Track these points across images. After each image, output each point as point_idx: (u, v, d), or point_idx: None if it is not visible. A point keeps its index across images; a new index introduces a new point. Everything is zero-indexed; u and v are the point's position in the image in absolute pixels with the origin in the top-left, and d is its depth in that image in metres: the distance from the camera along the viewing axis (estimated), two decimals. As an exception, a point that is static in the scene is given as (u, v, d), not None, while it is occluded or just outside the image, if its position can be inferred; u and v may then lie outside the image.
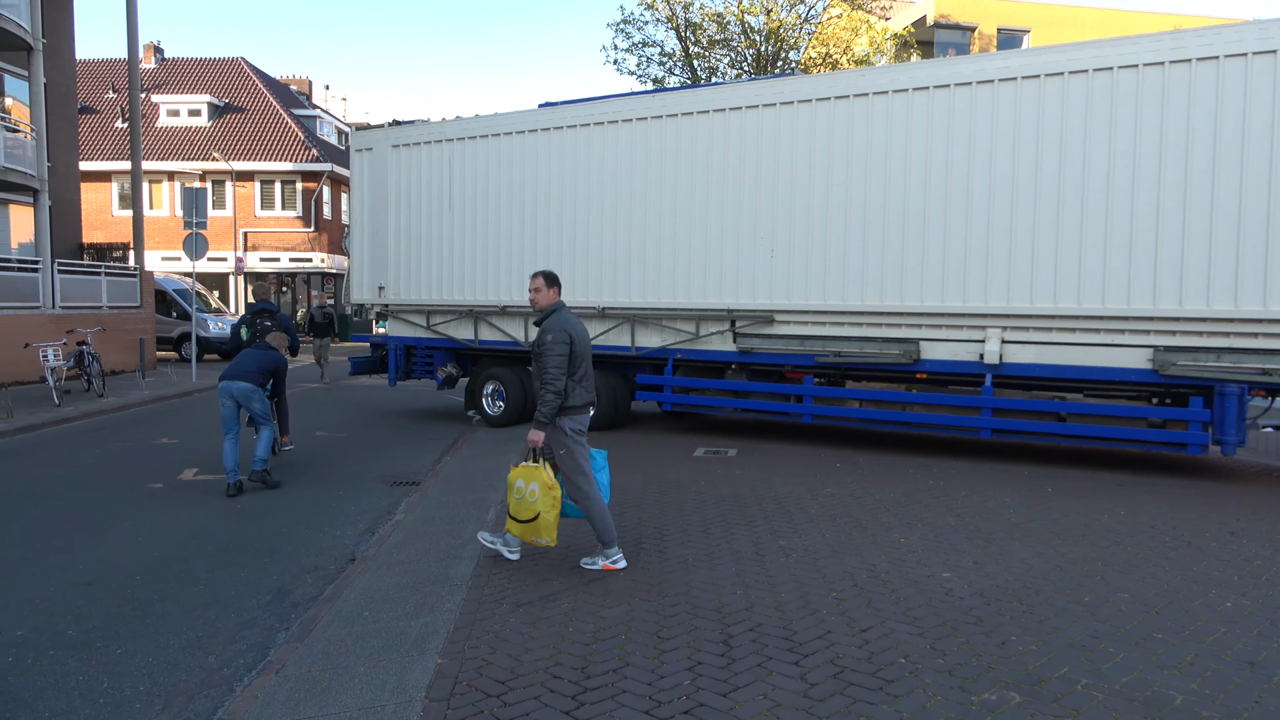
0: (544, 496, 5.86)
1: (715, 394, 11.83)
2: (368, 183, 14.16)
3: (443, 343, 13.71)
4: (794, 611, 5.19)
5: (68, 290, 20.07)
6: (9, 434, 12.47)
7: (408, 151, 13.71)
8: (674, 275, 11.56)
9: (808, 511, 7.63)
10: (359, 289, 14.52)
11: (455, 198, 13.29)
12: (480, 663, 4.54)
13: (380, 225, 14.01)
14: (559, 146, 12.38)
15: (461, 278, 13.27)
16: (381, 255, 14.05)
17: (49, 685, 4.57)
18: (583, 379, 6.01)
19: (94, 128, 36.31)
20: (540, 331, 5.99)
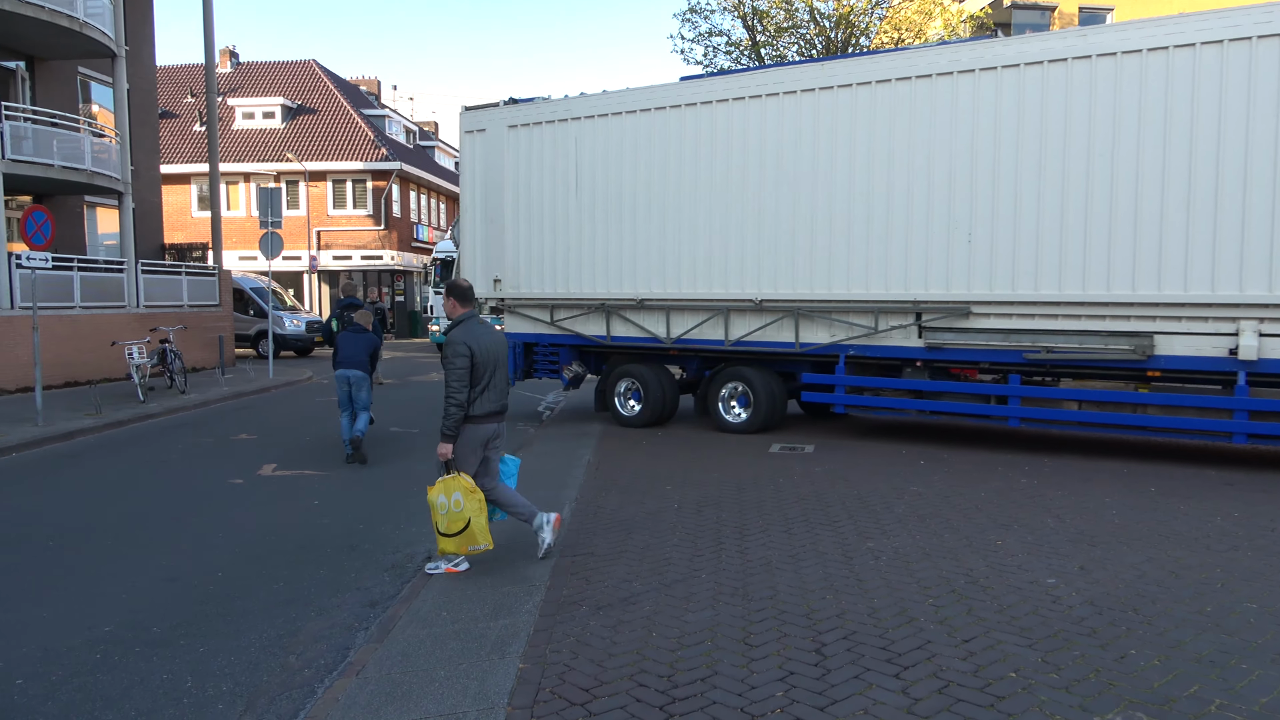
0: (469, 502, 5.88)
1: (897, 394, 10.76)
2: (480, 167, 13.12)
3: (569, 339, 12.79)
4: (889, 619, 4.92)
5: (151, 290, 20.66)
6: (97, 429, 12.83)
7: (526, 132, 12.67)
8: (847, 264, 10.42)
9: (894, 511, 7.32)
10: (471, 280, 13.43)
11: (582, 181, 12.25)
12: (563, 668, 4.38)
13: (495, 213, 13.01)
14: (706, 123, 11.28)
15: (591, 269, 12.27)
16: (497, 246, 13.06)
17: (135, 683, 4.56)
18: (486, 389, 6.03)
19: (174, 132, 37.45)
20: (445, 344, 6.12)
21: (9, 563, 6.57)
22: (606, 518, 7.25)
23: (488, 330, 6.17)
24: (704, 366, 12.33)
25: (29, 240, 12.68)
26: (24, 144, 17.61)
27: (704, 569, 5.86)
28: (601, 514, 7.38)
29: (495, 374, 6.07)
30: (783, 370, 11.69)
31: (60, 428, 12.42)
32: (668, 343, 11.88)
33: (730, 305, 11.26)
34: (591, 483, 8.63)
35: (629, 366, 12.42)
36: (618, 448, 10.57)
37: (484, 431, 6.08)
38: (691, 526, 6.92)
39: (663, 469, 9.22)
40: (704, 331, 11.56)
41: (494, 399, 6.09)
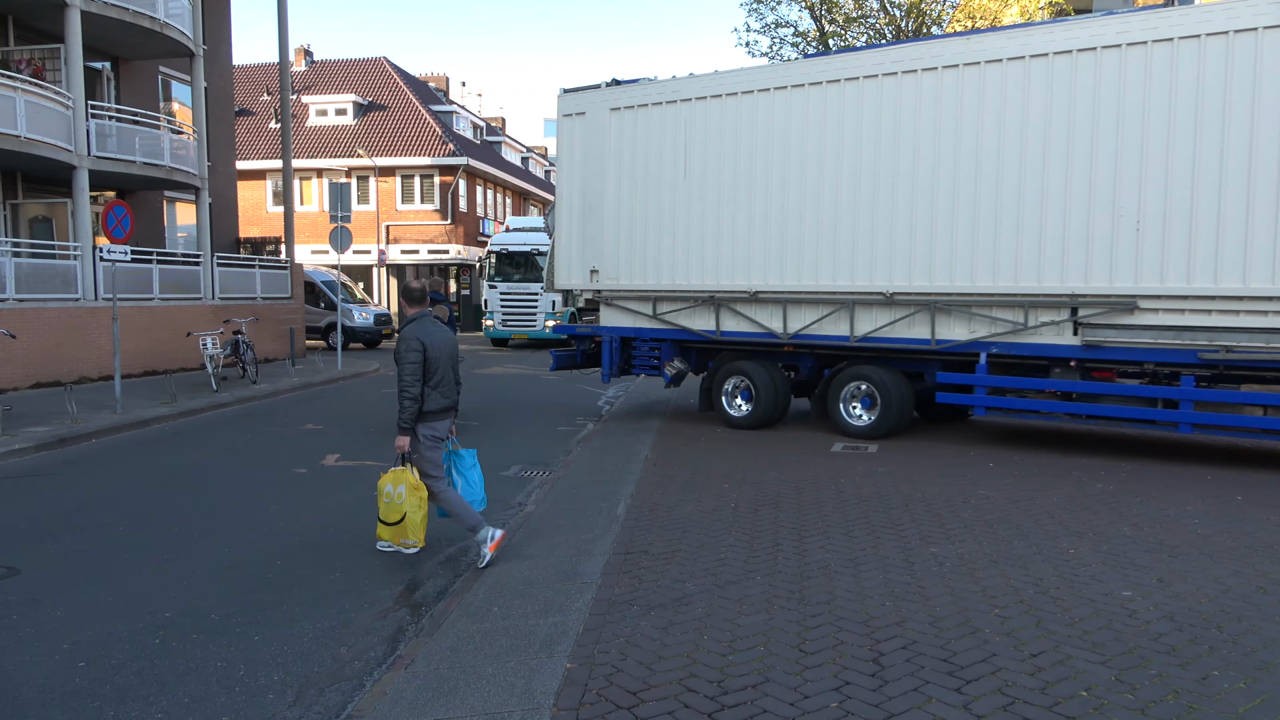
0: (410, 497, 6.16)
1: (1047, 396, 9.82)
2: (579, 152, 12.44)
3: (672, 334, 12.01)
4: (952, 629, 4.71)
5: (225, 282, 21.26)
6: (172, 418, 13.22)
7: (631, 115, 11.96)
8: (994, 254, 9.56)
9: (960, 515, 7.05)
10: (565, 273, 12.81)
11: (692, 166, 11.50)
12: (610, 670, 4.29)
13: (595, 200, 12.27)
14: (834, 103, 10.47)
15: (701, 259, 11.49)
16: (596, 234, 12.31)
17: (190, 669, 4.62)
18: (439, 385, 6.23)
19: (250, 129, 38.50)
20: (397, 341, 6.28)
21: (79, 547, 6.76)
22: (662, 515, 7.14)
23: (439, 329, 6.39)
24: (819, 365, 11.60)
25: (109, 234, 13.11)
26: (108, 141, 18.26)
27: (759, 571, 5.71)
28: (657, 511, 7.28)
29: (446, 372, 6.30)
30: (908, 369, 10.84)
31: (137, 415, 12.83)
32: (783, 338, 11.10)
33: (856, 298, 10.48)
34: (648, 479, 8.54)
35: (739, 364, 11.60)
36: (677, 444, 10.46)
37: (441, 427, 6.36)
38: (748, 526, 6.78)
39: (721, 467, 9.08)
40: (824, 327, 10.81)
41: (446, 395, 6.32)
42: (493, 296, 27.40)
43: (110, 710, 4.18)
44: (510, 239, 27.81)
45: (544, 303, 26.33)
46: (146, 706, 4.21)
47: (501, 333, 27.35)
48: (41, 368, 15.76)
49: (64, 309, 16.40)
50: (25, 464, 9.97)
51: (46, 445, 10.77)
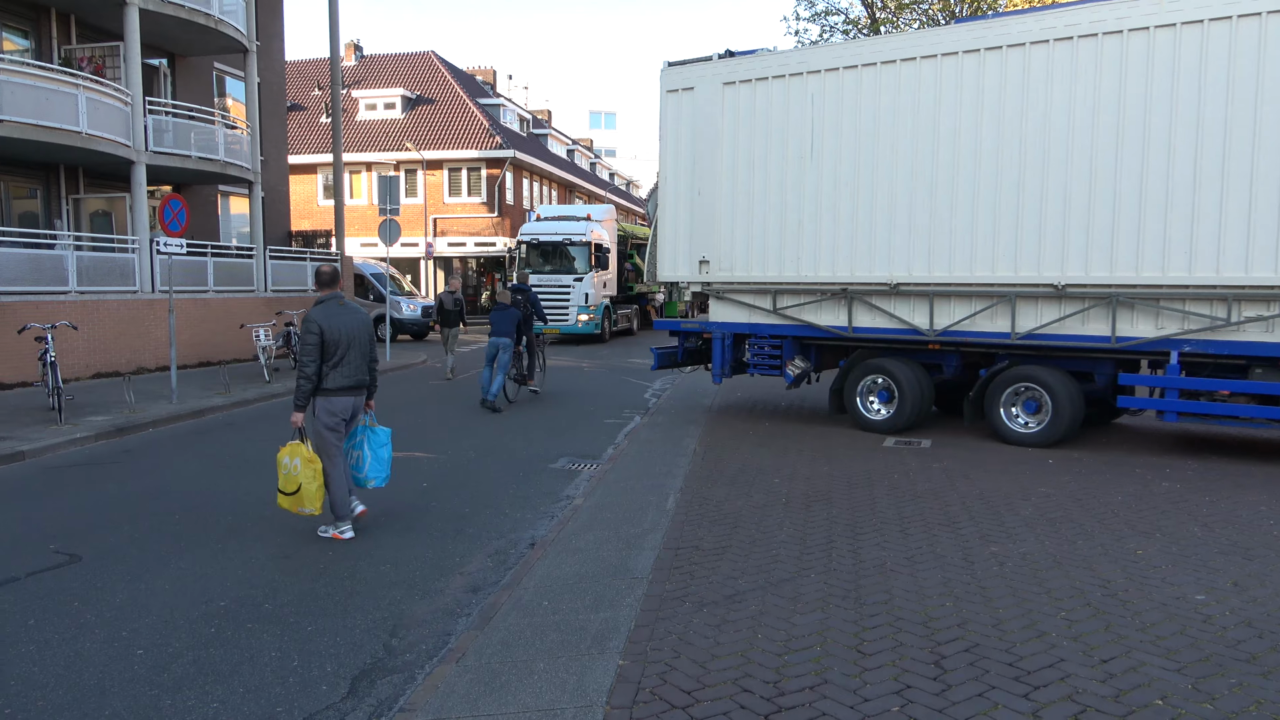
0: (305, 469, 6.46)
1: (1251, 400, 8.81)
2: (686, 131, 11.44)
3: (795, 330, 11.07)
4: (1016, 632, 4.55)
5: (277, 275, 21.59)
6: (226, 408, 13.44)
7: (749, 89, 10.91)
8: (1190, 241, 8.54)
9: (1021, 514, 6.85)
10: (669, 264, 11.85)
11: (822, 144, 10.45)
12: (664, 668, 4.22)
13: (706, 184, 11.28)
14: (994, 72, 9.43)
15: (831, 248, 10.46)
16: (707, 221, 11.32)
17: (245, 659, 4.64)
18: (339, 365, 6.55)
19: (301, 123, 39.06)
20: (302, 322, 6.68)
21: (137, 535, 6.87)
22: (712, 510, 7.05)
23: (346, 312, 6.70)
24: (965, 364, 10.62)
25: (165, 227, 13.35)
26: (165, 136, 18.61)
27: (813, 568, 5.59)
28: (707, 506, 7.18)
29: (349, 352, 6.61)
30: (1074, 369, 9.80)
31: (192, 405, 13.06)
32: (929, 335, 10.11)
33: (1019, 291, 9.50)
34: (697, 473, 8.45)
35: (880, 361, 10.58)
36: (724, 437, 10.34)
37: (339, 404, 6.64)
38: (800, 523, 6.65)
39: (770, 461, 8.95)
40: (979, 323, 9.84)
41: (347, 375, 6.61)
42: None
43: (168, 699, 4.21)
44: (541, 228, 26.86)
45: (576, 296, 25.77)
46: (203, 695, 4.24)
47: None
48: (101, 358, 16.14)
49: (123, 301, 16.77)
50: (86, 452, 10.20)
51: (106, 434, 11.01)
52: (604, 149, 74.49)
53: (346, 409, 6.68)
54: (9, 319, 14.27)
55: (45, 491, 8.31)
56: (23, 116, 15.21)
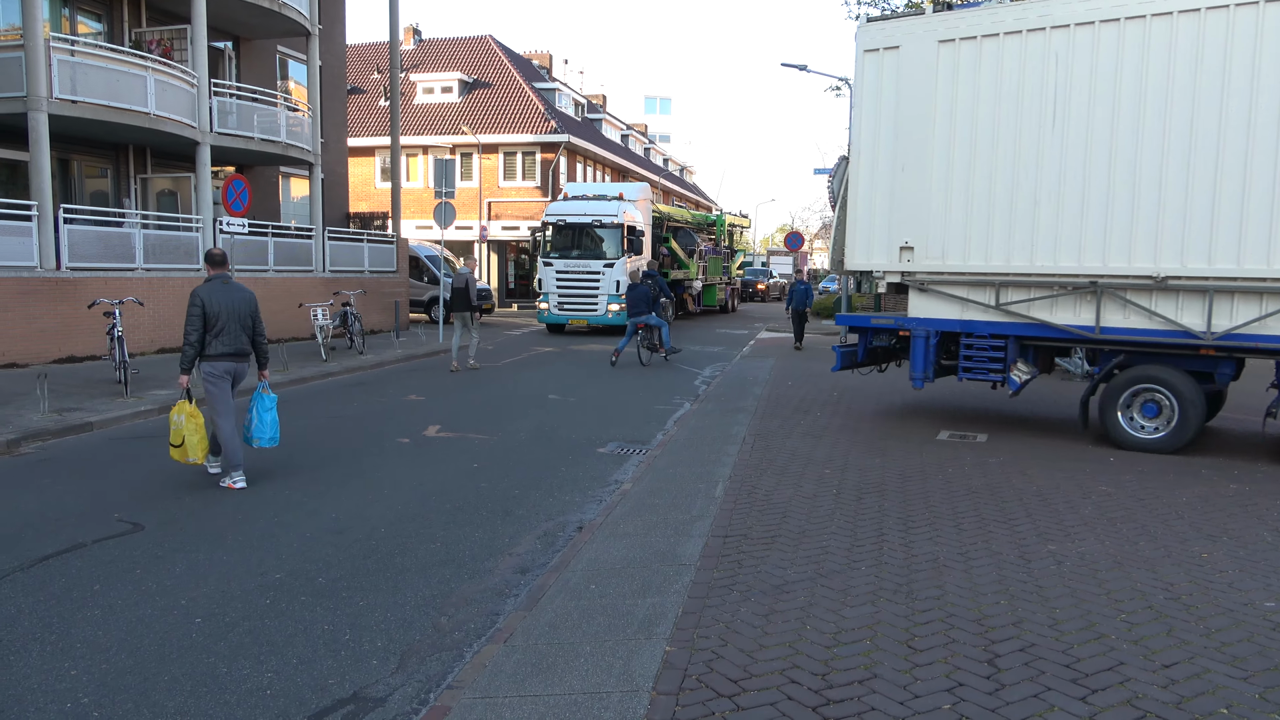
0: (188, 424, 7.41)
1: None
2: (888, 95, 9.98)
3: (1023, 329, 9.60)
4: (1074, 633, 4.43)
5: (335, 255, 21.96)
6: (284, 385, 13.71)
7: (971, 48, 9.48)
8: None
9: (1080, 512, 6.67)
10: (861, 249, 10.35)
11: (1067, 112, 9.01)
12: (710, 655, 4.19)
13: (912, 157, 9.85)
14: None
15: (1077, 234, 9.00)
16: (912, 201, 9.88)
17: (298, 631, 4.73)
18: (219, 334, 7.52)
19: (361, 106, 39.59)
20: (190, 297, 7.55)
21: (196, 506, 7.05)
22: (760, 499, 6.99)
23: (229, 290, 7.62)
24: (1240, 370, 9.27)
25: (228, 207, 13.65)
26: (229, 118, 19.00)
27: (864, 561, 5.52)
28: (755, 495, 7.13)
29: (228, 324, 7.55)
30: None
31: (251, 383, 13.30)
32: (1205, 339, 8.61)
33: None
34: (746, 461, 8.39)
35: (1150, 370, 9.07)
36: (775, 427, 10.26)
37: (220, 367, 7.60)
38: (851, 514, 6.57)
39: (821, 451, 8.85)
40: (1269, 325, 8.32)
41: (226, 343, 7.57)
42: (547, 275, 23.93)
43: (224, 666, 4.32)
44: (568, 209, 24.21)
45: (606, 283, 23.33)
46: (257, 665, 4.33)
47: (557, 317, 23.88)
48: (165, 334, 16.59)
49: (186, 278, 17.21)
50: (149, 425, 10.49)
51: (168, 407, 11.28)
52: (658, 134, 74.23)
53: (225, 371, 7.65)
54: (81, 294, 14.74)
55: (110, 461, 8.57)
56: (95, 98, 15.65)
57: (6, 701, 3.95)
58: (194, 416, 7.47)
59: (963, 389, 13.26)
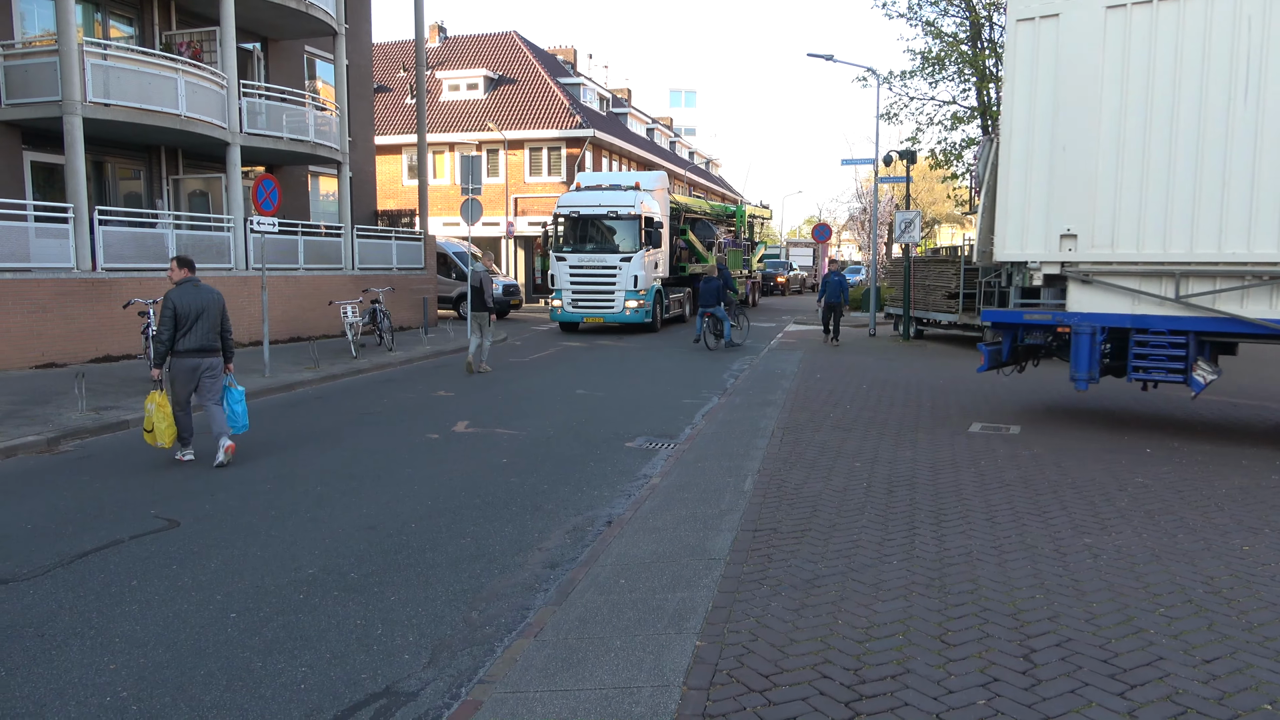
0: (157, 412, 8.17)
1: None
2: (1047, 69, 9.24)
3: (1207, 324, 8.73)
4: (1111, 628, 4.36)
5: (364, 253, 22.12)
6: (315, 382, 13.86)
7: (1146, 13, 8.73)
8: None
9: (1116, 504, 6.56)
10: (1014, 239, 9.60)
11: (1261, 83, 8.23)
12: (741, 650, 4.17)
13: (1076, 135, 9.10)
14: None
15: (1275, 215, 8.24)
16: (1074, 185, 9.14)
17: (331, 626, 4.78)
18: (188, 333, 8.20)
19: (387, 105, 39.83)
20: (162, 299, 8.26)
21: (231, 503, 7.14)
22: (790, 493, 6.95)
23: (198, 292, 8.30)
24: None
25: (259, 206, 13.78)
26: (258, 119, 19.19)
27: (895, 555, 5.47)
28: (785, 489, 7.09)
29: (197, 323, 8.23)
30: None
31: (283, 379, 13.50)
32: None
33: None
34: (775, 454, 8.35)
35: None
36: (803, 420, 10.20)
37: (189, 363, 8.27)
38: (882, 508, 6.51)
39: (850, 444, 8.78)
40: None
41: (195, 340, 8.24)
42: (560, 271, 22.67)
43: (259, 661, 4.36)
44: (582, 199, 22.85)
45: (623, 278, 22.17)
46: (291, 660, 4.38)
47: (571, 315, 22.69)
48: (199, 333, 16.79)
49: (218, 278, 17.41)
50: (185, 423, 10.63)
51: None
52: (683, 128, 74.05)
53: (194, 366, 8.30)
54: (116, 294, 14.97)
55: (146, 459, 8.70)
56: (128, 100, 15.87)
57: (48, 695, 4.02)
58: (162, 406, 8.23)
59: (993, 379, 13.10)
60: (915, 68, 23.30)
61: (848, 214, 66.80)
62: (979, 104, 22.98)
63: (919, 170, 28.26)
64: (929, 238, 60.62)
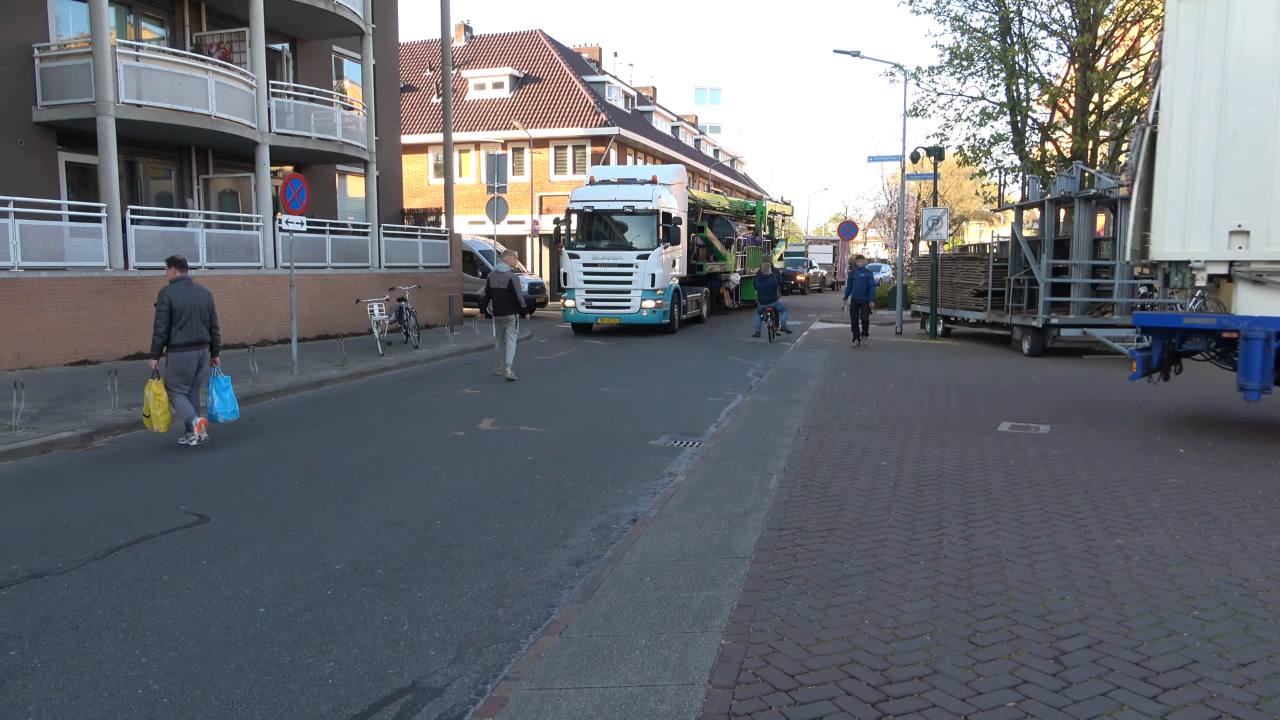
0: (154, 400, 8.86)
1: None
2: (1212, 51, 8.55)
3: None
4: (1144, 630, 4.29)
5: (390, 251, 22.27)
6: (342, 379, 13.97)
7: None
8: None
9: (1149, 505, 6.46)
10: (1174, 236, 8.94)
11: None
12: (766, 649, 4.15)
13: (1251, 123, 8.40)
14: None
15: None
16: (1246, 176, 8.45)
17: (358, 621, 4.81)
18: (182, 327, 9.00)
19: (413, 104, 40.08)
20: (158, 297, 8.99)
21: (260, 499, 7.21)
22: (816, 491, 6.91)
23: (191, 290, 9.13)
24: None
25: (287, 205, 13.92)
26: (287, 118, 19.38)
27: (923, 554, 5.42)
28: (811, 487, 7.05)
29: (190, 318, 9.02)
30: None
31: (311, 376, 13.63)
32: None
33: None
34: (801, 453, 8.30)
35: None
36: (829, 419, 10.14)
37: (183, 356, 9.05)
38: (909, 507, 6.46)
39: (877, 443, 8.72)
40: None
41: (188, 334, 9.03)
42: (573, 269, 21.52)
43: (287, 655, 4.40)
44: (596, 194, 21.82)
45: (640, 277, 20.95)
46: (319, 655, 4.41)
47: (584, 316, 21.58)
48: (228, 331, 16.97)
49: (247, 276, 17.62)
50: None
51: (233, 402, 11.58)
52: (708, 125, 73.88)
53: (190, 360, 9.09)
54: (148, 292, 15.18)
55: (178, 456, 8.82)
56: (159, 101, 16.09)
57: (83, 687, 4.08)
58: (159, 394, 8.90)
59: (1024, 375, 12.96)
60: (943, 63, 23.10)
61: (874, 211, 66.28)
62: (1008, 99, 22.73)
63: (947, 167, 27.98)
64: (956, 235, 60.02)
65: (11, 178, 15.43)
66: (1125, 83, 22.52)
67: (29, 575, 5.48)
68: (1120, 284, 16.24)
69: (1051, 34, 22.55)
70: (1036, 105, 23.53)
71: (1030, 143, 23.70)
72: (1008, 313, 18.27)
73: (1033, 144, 23.73)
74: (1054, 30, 22.41)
